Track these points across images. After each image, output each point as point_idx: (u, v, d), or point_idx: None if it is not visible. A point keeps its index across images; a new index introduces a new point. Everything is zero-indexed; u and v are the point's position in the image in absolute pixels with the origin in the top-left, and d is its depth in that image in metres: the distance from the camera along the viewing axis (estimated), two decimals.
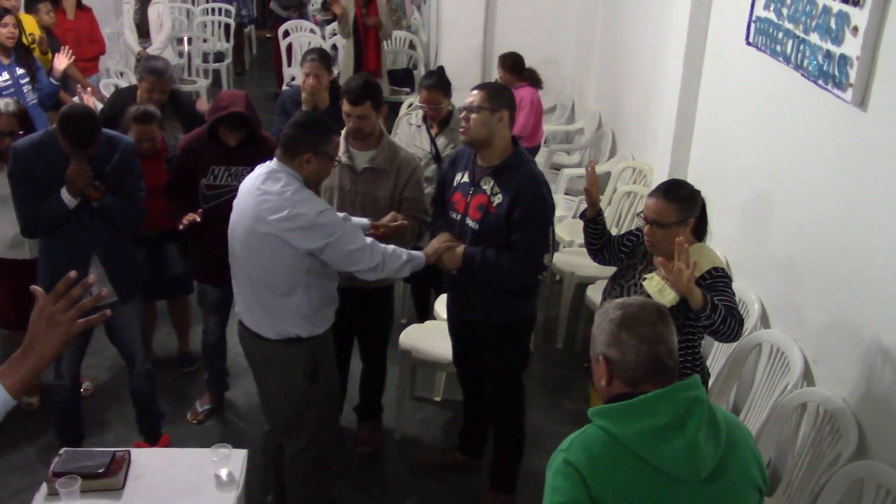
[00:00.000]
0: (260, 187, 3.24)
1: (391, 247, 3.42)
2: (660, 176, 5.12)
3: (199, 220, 4.03)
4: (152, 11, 8.51)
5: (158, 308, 5.18)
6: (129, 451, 3.28)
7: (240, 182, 4.06)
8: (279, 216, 3.17)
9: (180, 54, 9.99)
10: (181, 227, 4.05)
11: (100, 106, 5.66)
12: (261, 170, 3.33)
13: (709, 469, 1.90)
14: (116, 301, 3.89)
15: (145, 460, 3.28)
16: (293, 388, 3.49)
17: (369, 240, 3.36)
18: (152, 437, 4.29)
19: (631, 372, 1.98)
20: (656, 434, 1.89)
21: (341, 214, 3.41)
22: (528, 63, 6.65)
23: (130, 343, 4.12)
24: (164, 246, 4.69)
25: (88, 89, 5.53)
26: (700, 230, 3.29)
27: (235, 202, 3.40)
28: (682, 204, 3.13)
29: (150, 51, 8.34)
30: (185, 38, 10.31)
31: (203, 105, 5.52)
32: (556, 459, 1.98)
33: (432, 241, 3.62)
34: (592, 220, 3.53)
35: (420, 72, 9.96)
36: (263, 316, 3.39)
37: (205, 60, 10.39)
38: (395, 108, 7.95)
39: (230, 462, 3.19)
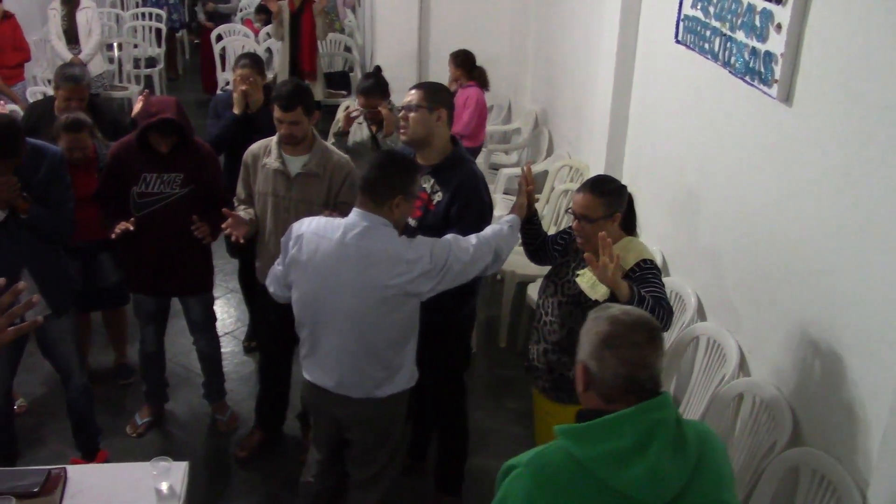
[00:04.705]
0: (359, 254, 2.99)
1: (490, 231, 3.26)
2: (596, 173, 5.17)
3: (131, 228, 3.95)
4: (80, 17, 8.32)
5: (93, 319, 5.07)
6: (64, 468, 3.19)
7: (172, 189, 4.05)
8: (395, 272, 2.97)
9: (111, 60, 9.80)
10: (113, 236, 3.97)
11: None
12: (343, 231, 3.03)
13: (674, 491, 1.85)
14: (50, 314, 3.80)
15: (82, 477, 3.19)
16: (392, 434, 3.37)
17: (473, 239, 3.19)
18: (90, 453, 4.20)
19: (606, 389, 1.94)
20: (619, 457, 1.83)
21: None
22: None
23: (65, 357, 4.02)
24: (98, 256, 4.59)
25: (1, 102, 5.38)
26: (629, 224, 3.33)
27: (316, 268, 3.08)
28: (608, 198, 3.17)
29: (80, 57, 8.17)
30: (116, 44, 10.10)
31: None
32: (515, 471, 1.92)
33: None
34: (528, 221, 3.54)
35: (356, 74, 9.92)
36: (380, 379, 3.17)
37: (136, 66, 10.20)
38: (332, 111, 7.92)
39: (171, 475, 3.12)
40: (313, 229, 3.13)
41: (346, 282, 3.03)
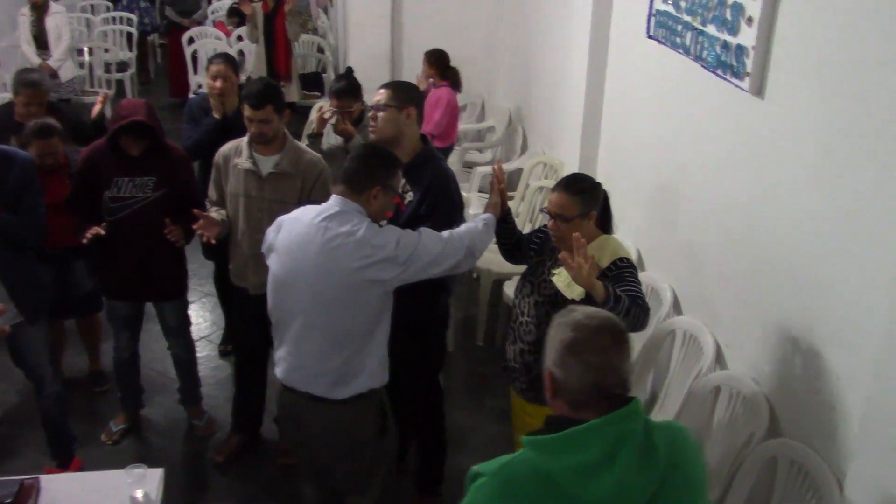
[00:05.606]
0: (326, 236, 2.96)
1: (463, 227, 3.25)
2: (571, 170, 5.17)
3: (102, 233, 3.90)
4: (50, 22, 8.24)
5: (67, 326, 5.01)
6: (38, 478, 3.16)
7: (145, 192, 4.01)
8: (359, 255, 2.93)
9: (81, 65, 9.70)
10: (84, 241, 3.92)
11: None
12: (315, 214, 3.03)
13: (642, 502, 1.83)
14: (21, 321, 3.75)
15: (56, 486, 3.16)
16: (363, 446, 3.23)
17: (445, 233, 3.16)
18: (65, 462, 4.15)
19: (573, 396, 1.89)
20: (585, 470, 1.80)
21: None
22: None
23: (37, 365, 3.97)
24: (71, 263, 4.54)
25: None
26: (605, 222, 3.32)
27: (285, 255, 3.06)
28: (583, 196, 3.16)
29: (51, 63, 8.10)
30: (86, 49, 10.01)
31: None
32: (480, 480, 1.89)
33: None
34: (502, 220, 3.52)
35: (329, 75, 9.90)
36: (342, 372, 3.07)
37: (107, 71, 10.11)
38: (306, 112, 7.89)
39: (146, 482, 3.10)
40: (294, 215, 3.14)
41: (310, 263, 2.99)
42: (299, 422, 3.23)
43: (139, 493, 3.07)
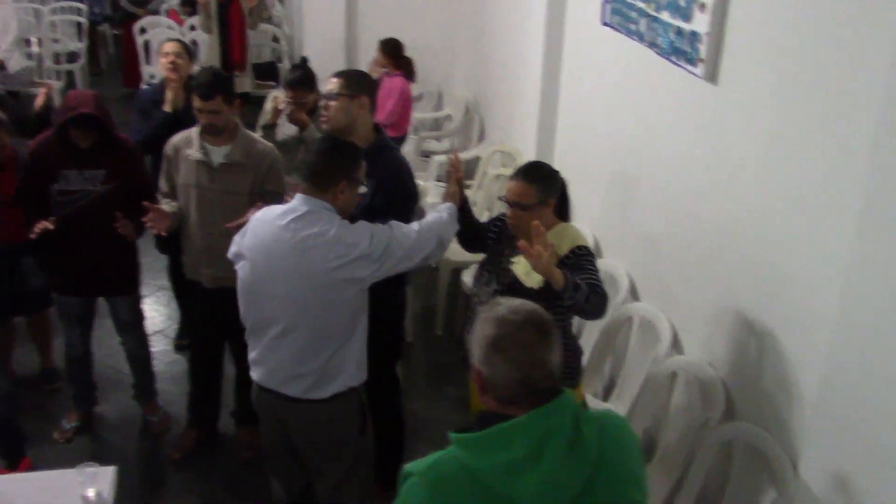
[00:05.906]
0: (296, 238, 2.89)
1: (430, 218, 3.20)
2: (528, 158, 5.16)
3: (52, 227, 3.81)
4: None
5: (17, 323, 4.90)
6: None
7: (94, 185, 3.92)
8: (333, 255, 2.87)
9: (30, 56, 9.50)
10: (32, 235, 3.83)
11: None
12: (281, 214, 2.95)
13: (571, 496, 1.80)
14: None
15: (4, 487, 3.08)
16: (344, 445, 3.19)
17: (415, 226, 3.13)
18: (14, 462, 4.05)
19: (500, 392, 1.87)
20: (511, 468, 1.77)
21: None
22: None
23: None
24: (20, 258, 4.43)
25: None
26: (563, 210, 3.31)
27: (255, 260, 2.99)
28: (541, 184, 3.15)
29: None
30: (35, 40, 9.79)
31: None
32: (411, 480, 1.86)
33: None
34: (460, 209, 3.49)
35: (285, 65, 9.80)
36: (321, 373, 3.02)
37: (57, 62, 9.91)
38: (260, 102, 7.79)
39: (98, 481, 3.02)
40: (258, 216, 3.06)
41: (283, 266, 2.93)
42: (278, 421, 3.20)
43: (91, 493, 3.00)
